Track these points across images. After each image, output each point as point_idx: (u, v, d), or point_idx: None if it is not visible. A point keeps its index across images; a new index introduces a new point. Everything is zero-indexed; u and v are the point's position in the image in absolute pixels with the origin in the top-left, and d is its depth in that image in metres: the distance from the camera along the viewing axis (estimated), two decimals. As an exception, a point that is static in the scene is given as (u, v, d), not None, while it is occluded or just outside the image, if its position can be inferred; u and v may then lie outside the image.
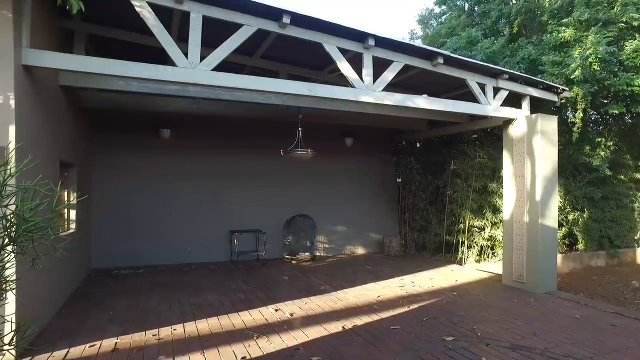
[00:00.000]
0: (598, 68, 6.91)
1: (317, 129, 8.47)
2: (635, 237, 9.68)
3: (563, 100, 7.05)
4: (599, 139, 7.96)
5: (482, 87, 5.96)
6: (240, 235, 7.81)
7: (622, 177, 9.16)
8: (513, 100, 6.32)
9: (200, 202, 7.85)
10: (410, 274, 6.94)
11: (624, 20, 7.26)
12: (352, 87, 4.95)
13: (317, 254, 8.67)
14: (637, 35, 7.31)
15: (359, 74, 4.99)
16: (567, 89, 6.37)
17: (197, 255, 7.73)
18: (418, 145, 9.67)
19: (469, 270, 7.29)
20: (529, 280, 5.86)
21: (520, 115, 6.08)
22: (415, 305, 5.11)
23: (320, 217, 8.59)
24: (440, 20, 12.59)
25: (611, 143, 7.95)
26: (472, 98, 5.90)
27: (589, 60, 6.59)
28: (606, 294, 7.05)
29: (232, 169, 8.13)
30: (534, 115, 5.92)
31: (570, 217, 8.66)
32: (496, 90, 6.03)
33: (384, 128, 9.09)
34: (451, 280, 6.49)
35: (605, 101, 7.38)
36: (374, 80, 5.08)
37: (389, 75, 5.16)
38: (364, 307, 5.03)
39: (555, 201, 5.90)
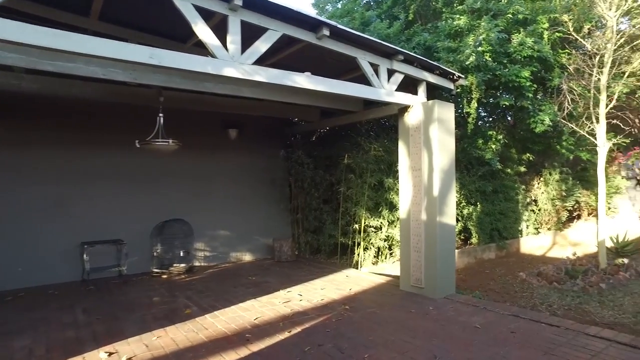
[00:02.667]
0: (490, 58, 6.71)
1: (193, 119, 7.19)
2: (519, 228, 9.98)
3: (459, 89, 6.71)
4: (491, 132, 7.86)
5: (376, 68, 5.23)
6: (93, 248, 6.21)
7: (509, 170, 9.31)
8: (409, 86, 5.72)
9: (38, 210, 6.08)
10: (300, 284, 6.02)
11: (511, 12, 7.17)
12: (212, 57, 3.83)
13: (196, 264, 7.38)
14: (521, 30, 7.29)
15: (225, 43, 3.90)
16: (462, 76, 5.95)
17: (32, 277, 5.96)
18: (310, 138, 8.80)
19: (365, 275, 6.61)
20: (428, 285, 5.29)
21: (417, 102, 5.48)
22: (299, 329, 4.17)
23: (199, 221, 7.30)
24: (336, 6, 11.98)
25: (501, 137, 7.90)
26: (366, 82, 5.15)
27: (482, 47, 6.31)
28: (499, 289, 6.89)
29: (81, 167, 6.44)
30: (430, 101, 5.35)
31: (465, 211, 8.52)
32: (390, 73, 5.34)
33: (273, 119, 8.07)
34: (344, 290, 5.70)
35: (497, 92, 7.27)
36: (243, 50, 4.01)
37: (262, 46, 4.13)
38: (233, 337, 3.95)
39: (454, 196, 5.41)
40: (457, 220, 8.35)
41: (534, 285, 6.87)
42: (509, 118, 9.88)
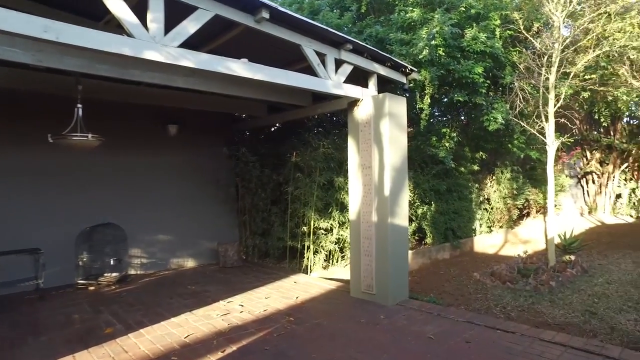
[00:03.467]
0: (443, 53, 6.49)
1: (128, 113, 6.52)
2: (473, 227, 9.94)
3: (412, 84, 6.45)
4: (444, 130, 7.68)
5: (322, 58, 4.84)
6: (1, 259, 5.41)
7: (463, 169, 9.21)
8: (359, 79, 5.37)
9: None
10: (243, 293, 5.53)
11: (464, 6, 7.01)
12: (129, 36, 3.28)
13: (132, 272, 6.70)
14: (474, 25, 7.15)
15: (146, 22, 3.36)
16: (415, 69, 5.67)
17: None
18: (257, 134, 8.28)
19: (315, 280, 6.20)
20: (379, 291, 4.95)
21: (367, 95, 5.14)
22: (234, 347, 3.69)
23: (135, 225, 6.63)
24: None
25: (455, 134, 7.75)
26: (313, 74, 4.74)
27: (436, 41, 6.07)
28: (453, 290, 6.68)
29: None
30: (381, 94, 5.02)
31: (420, 211, 8.31)
32: (339, 63, 4.97)
33: (217, 114, 7.50)
34: (291, 298, 5.27)
35: (451, 89, 7.09)
36: (168, 31, 3.49)
37: (190, 26, 3.61)
38: (156, 362, 3.43)
39: (406, 196, 5.10)
40: (411, 220, 8.13)
41: (487, 286, 6.72)
42: (463, 118, 9.86)
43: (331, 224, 6.68)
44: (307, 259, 6.75)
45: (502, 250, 10.16)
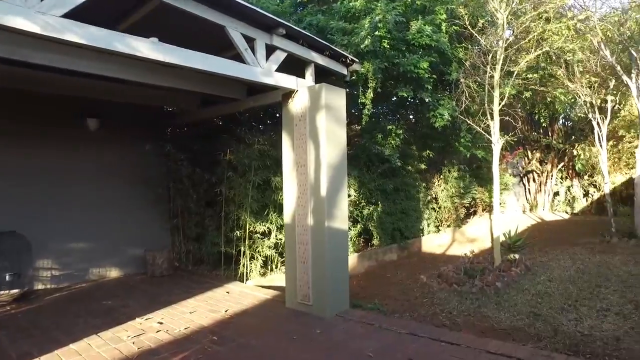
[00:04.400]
0: (388, 45, 6.15)
1: (36, 104, 5.67)
2: (421, 227, 9.77)
3: (354, 77, 6.05)
4: (390, 127, 7.38)
5: (252, 43, 4.31)
6: None
7: (410, 168, 9.00)
8: (296, 69, 4.89)
9: None
10: (167, 307, 4.88)
11: (409, -4, 6.72)
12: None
13: (39, 287, 5.84)
14: (420, 17, 6.89)
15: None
16: (356, 60, 5.27)
17: None
18: (191, 130, 7.56)
19: (250, 289, 5.65)
20: (316, 302, 4.49)
21: (302, 86, 4.66)
22: (137, 381, 3.09)
23: (44, 233, 5.79)
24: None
25: (401, 132, 7.46)
26: (242, 60, 4.21)
27: (380, 32, 5.71)
28: (399, 295, 6.37)
29: None
30: (317, 85, 4.56)
31: (365, 211, 7.98)
32: (270, 49, 4.46)
33: (145, 107, 6.74)
34: (219, 311, 4.69)
35: (396, 84, 6.79)
36: (49, -6, 2.83)
37: (78, -8, 2.97)
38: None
39: (345, 196, 4.67)
40: (357, 221, 7.78)
41: (434, 289, 6.47)
42: (412, 117, 9.68)
43: (268, 227, 6.15)
44: (243, 265, 6.18)
45: (449, 249, 10.08)
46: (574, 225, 12.82)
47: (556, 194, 15.86)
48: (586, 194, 15.33)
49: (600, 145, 10.45)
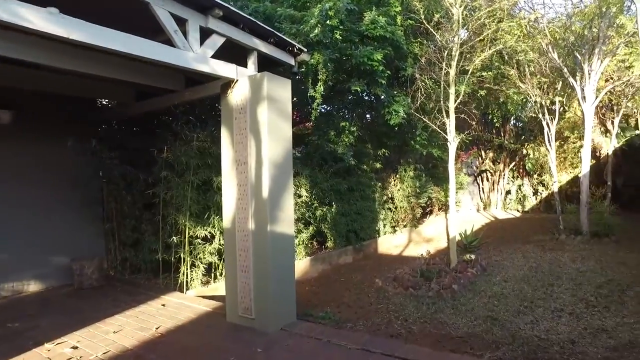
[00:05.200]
0: (340, 36, 5.79)
1: None
2: (377, 228, 9.52)
3: (304, 69, 5.64)
4: (344, 124, 7.03)
5: (184, 26, 3.80)
6: None
7: (365, 167, 8.70)
8: (238, 58, 4.41)
9: None
10: (88, 326, 4.26)
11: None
12: None
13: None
14: (374, 8, 6.59)
15: None
16: (304, 49, 4.85)
17: None
18: (126, 125, 6.86)
19: (189, 301, 5.09)
20: (259, 315, 4.04)
21: (243, 75, 4.19)
22: None
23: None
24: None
25: (355, 129, 7.13)
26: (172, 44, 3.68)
27: (331, 21, 5.33)
28: (353, 301, 6.02)
29: None
30: (259, 74, 4.11)
31: (319, 212, 7.59)
32: (206, 33, 3.96)
33: (75, 99, 6.00)
34: (150, 329, 4.14)
35: (349, 77, 6.44)
36: None
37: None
38: None
39: (291, 197, 4.24)
40: (309, 223, 7.38)
41: (389, 294, 6.17)
42: (367, 116, 9.43)
43: (211, 232, 5.60)
44: (183, 274, 5.60)
45: (406, 250, 9.89)
46: (525, 223, 13.07)
47: (508, 192, 16.23)
48: (535, 193, 15.77)
49: (550, 145, 10.64)
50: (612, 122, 13.14)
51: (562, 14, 10.58)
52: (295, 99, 7.73)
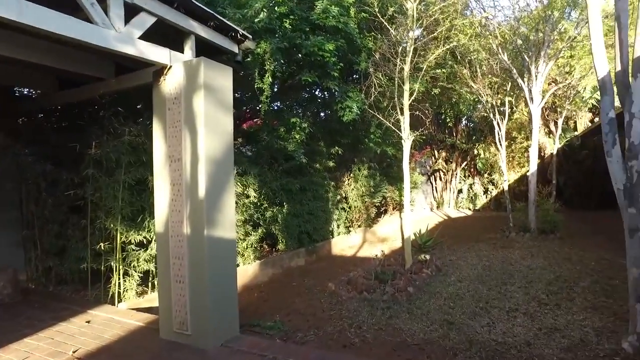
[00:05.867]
0: (290, 25, 5.40)
1: None
2: (330, 228, 9.22)
3: (250, 58, 5.21)
4: (294, 120, 6.65)
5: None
6: None
7: (318, 165, 8.38)
8: (175, 43, 3.92)
9: None
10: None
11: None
12: None
13: None
14: (326, -1, 6.26)
15: None
16: (249, 36, 4.42)
17: None
18: (48, 118, 6.10)
19: (121, 315, 4.51)
20: (196, 330, 3.58)
21: (177, 61, 3.71)
22: None
23: None
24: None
25: (306, 125, 6.77)
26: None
27: (280, 8, 4.93)
28: (305, 308, 5.66)
29: None
30: (195, 59, 3.65)
31: (269, 214, 7.17)
32: (133, 10, 3.45)
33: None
34: (66, 353, 3.56)
35: (298, 69, 6.07)
36: None
37: None
38: None
39: (232, 198, 3.80)
40: (259, 225, 6.94)
41: (343, 298, 5.87)
42: (322, 114, 9.11)
43: (146, 237, 5.04)
44: (115, 284, 4.99)
45: (361, 250, 9.68)
46: (476, 221, 13.30)
47: (460, 191, 16.54)
48: (486, 191, 16.16)
49: (500, 145, 10.81)
50: (555, 123, 13.67)
51: (510, 17, 10.80)
52: (249, 93, 7.27)
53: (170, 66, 3.68)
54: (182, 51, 3.93)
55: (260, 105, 5.54)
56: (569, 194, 13.65)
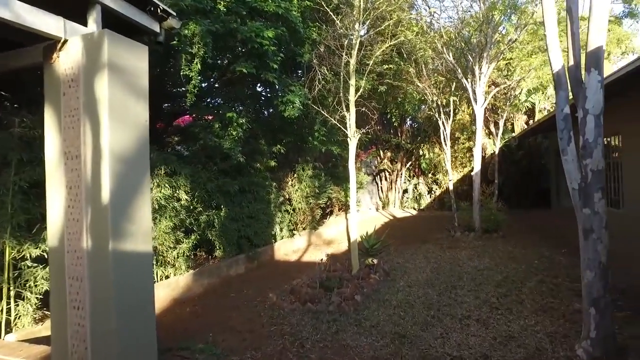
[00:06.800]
0: (224, 8, 4.78)
1: None
2: (273, 232, 8.65)
3: (176, 41, 4.53)
4: (231, 115, 6.02)
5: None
6: None
7: (258, 165, 7.77)
8: (77, 14, 3.17)
9: None
10: None
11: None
12: None
13: None
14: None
15: None
16: (173, 12, 3.76)
17: None
18: None
19: (7, 351, 3.65)
20: (100, 368, 2.88)
21: (76, 34, 2.99)
22: None
23: None
24: None
25: (244, 121, 6.16)
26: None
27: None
28: (242, 324, 5.06)
29: None
30: (97, 32, 2.96)
31: (203, 218, 6.48)
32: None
33: None
34: None
35: (234, 57, 5.45)
36: None
37: None
38: None
39: (147, 203, 3.14)
40: (192, 231, 6.24)
41: (285, 311, 5.34)
42: (266, 113, 8.50)
43: (46, 251, 4.20)
44: (2, 310, 4.09)
45: (306, 254, 9.20)
46: (422, 221, 13.31)
47: (405, 191, 16.60)
48: (430, 191, 16.33)
49: (445, 145, 10.79)
50: (495, 124, 14.03)
51: (454, 17, 10.86)
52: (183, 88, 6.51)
53: (66, 40, 2.95)
54: (85, 24, 3.20)
55: (187, 94, 4.84)
56: (508, 193, 14.06)
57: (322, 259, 7.53)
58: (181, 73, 4.62)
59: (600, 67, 3.60)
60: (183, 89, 7.04)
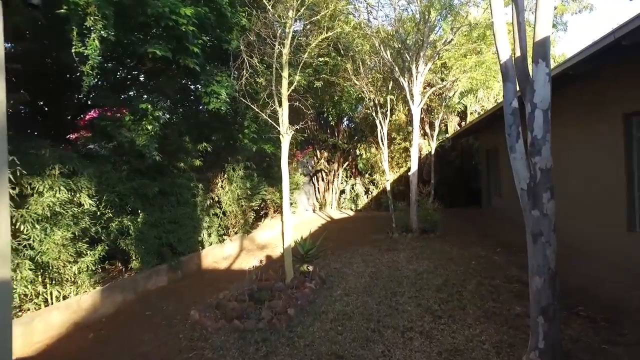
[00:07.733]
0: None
1: None
2: (200, 238, 7.85)
3: (66, 9, 3.70)
4: (144, 106, 5.21)
5: None
6: None
7: (182, 164, 6.96)
8: None
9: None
10: None
11: None
12: None
13: None
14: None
15: None
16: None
17: None
18: None
19: None
20: None
21: None
22: None
23: None
24: None
25: (160, 113, 5.37)
26: None
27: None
28: (155, 350, 4.33)
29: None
30: None
31: (115, 225, 5.58)
32: None
33: None
34: None
35: (146, 37, 4.67)
36: None
37: None
38: None
39: (4, 215, 2.34)
40: (99, 240, 5.33)
41: (208, 331, 4.65)
42: (195, 108, 7.67)
43: None
44: None
45: (237, 261, 8.49)
46: (359, 222, 13.08)
47: (342, 192, 16.35)
48: (367, 191, 16.22)
49: (382, 144, 10.58)
50: (431, 125, 14.19)
51: (391, 16, 10.72)
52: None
53: None
54: None
55: (83, 78, 3.99)
56: (442, 193, 14.27)
57: (253, 266, 6.91)
58: (72, 50, 3.77)
59: (547, 59, 3.37)
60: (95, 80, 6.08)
